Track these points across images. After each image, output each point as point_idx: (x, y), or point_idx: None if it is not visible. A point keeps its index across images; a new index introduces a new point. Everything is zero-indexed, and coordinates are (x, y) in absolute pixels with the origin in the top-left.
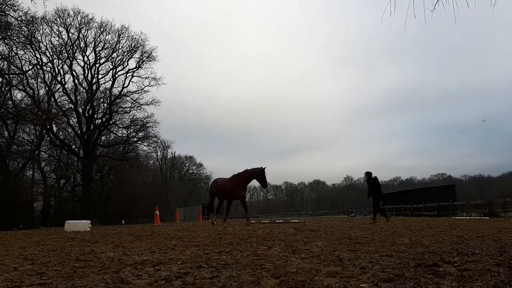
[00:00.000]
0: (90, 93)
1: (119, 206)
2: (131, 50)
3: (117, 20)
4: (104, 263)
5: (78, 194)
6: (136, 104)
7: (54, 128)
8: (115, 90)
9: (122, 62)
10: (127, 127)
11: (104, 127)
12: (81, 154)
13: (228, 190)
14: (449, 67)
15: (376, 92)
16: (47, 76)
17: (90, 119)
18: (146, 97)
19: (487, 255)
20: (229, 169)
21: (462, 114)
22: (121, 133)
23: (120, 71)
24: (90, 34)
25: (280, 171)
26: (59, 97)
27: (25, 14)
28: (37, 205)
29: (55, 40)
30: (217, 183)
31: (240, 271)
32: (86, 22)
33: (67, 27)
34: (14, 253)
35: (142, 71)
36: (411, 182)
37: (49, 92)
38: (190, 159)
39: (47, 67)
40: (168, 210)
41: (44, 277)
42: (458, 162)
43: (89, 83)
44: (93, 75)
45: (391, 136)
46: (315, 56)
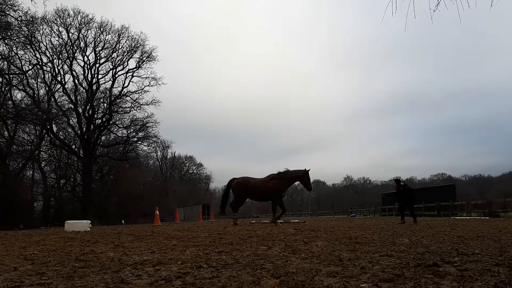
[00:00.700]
0: (90, 93)
1: (119, 206)
2: (131, 50)
3: (117, 20)
4: (104, 263)
5: (78, 194)
6: (136, 104)
7: (54, 128)
8: (115, 90)
9: (122, 62)
10: (127, 127)
11: (104, 127)
12: (81, 154)
13: (266, 190)
14: (449, 67)
15: (376, 92)
16: (47, 76)
17: (90, 119)
18: (146, 97)
19: (487, 255)
20: (229, 169)
21: (462, 114)
22: (121, 133)
23: (120, 71)
24: (90, 34)
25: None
26: (59, 97)
27: (25, 14)
28: (37, 205)
29: (55, 40)
30: (249, 182)
31: (240, 271)
32: (86, 22)
33: (67, 27)
34: (14, 253)
35: (142, 71)
36: (411, 182)
37: (49, 92)
38: (190, 159)
39: (47, 67)
40: (168, 210)
41: (44, 277)
42: (458, 162)
43: (89, 83)
44: (93, 75)
45: (391, 136)
46: (316, 56)
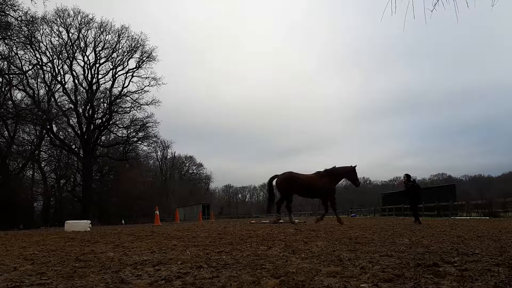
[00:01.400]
0: (90, 93)
1: (119, 206)
2: (131, 50)
3: (117, 20)
4: (104, 263)
5: (78, 194)
6: (136, 104)
7: (54, 128)
8: (115, 90)
9: (122, 62)
10: (127, 127)
11: (104, 127)
12: (81, 154)
13: (317, 187)
14: (449, 67)
15: (376, 92)
16: (47, 76)
17: (90, 119)
18: (146, 97)
19: (487, 255)
20: (229, 169)
21: (462, 114)
22: (121, 133)
23: (120, 71)
24: (90, 34)
25: (280, 171)
26: (59, 97)
27: (25, 14)
28: (37, 205)
29: (55, 40)
30: (298, 178)
31: (240, 271)
32: (86, 22)
33: (67, 27)
34: (14, 253)
35: (142, 71)
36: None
37: (49, 92)
38: (190, 159)
39: (47, 67)
40: (168, 210)
41: (44, 277)
42: (458, 162)
43: (89, 83)
44: (93, 75)
45: (391, 136)
46: (316, 56)
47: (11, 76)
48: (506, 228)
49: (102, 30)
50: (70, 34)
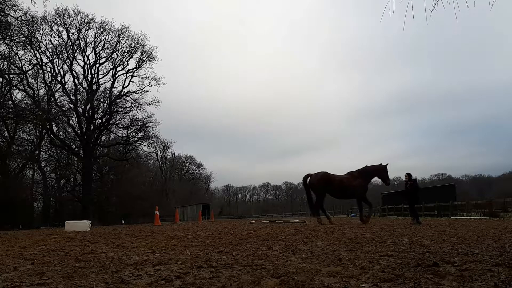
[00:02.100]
0: (90, 93)
1: (119, 206)
2: (131, 50)
3: (118, 19)
4: (104, 263)
5: (78, 194)
6: (136, 104)
7: (54, 128)
8: (115, 90)
9: (122, 62)
10: (127, 127)
11: (104, 127)
12: (81, 154)
13: (352, 187)
14: (449, 68)
15: (376, 92)
16: (47, 76)
17: (90, 119)
18: (146, 97)
19: (487, 255)
20: (229, 169)
21: (462, 114)
22: (121, 133)
23: (120, 71)
24: (90, 34)
25: (280, 171)
26: (59, 97)
27: (25, 14)
28: (37, 205)
29: (55, 40)
30: (334, 178)
31: (240, 271)
32: (86, 22)
33: (67, 27)
34: (14, 253)
35: (142, 71)
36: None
37: (49, 92)
38: (190, 159)
39: (47, 67)
40: (168, 210)
41: (44, 277)
42: (458, 162)
43: (89, 83)
44: (93, 75)
45: (391, 136)
46: (316, 56)
47: (11, 76)
48: (506, 228)
49: (102, 30)
50: (70, 34)
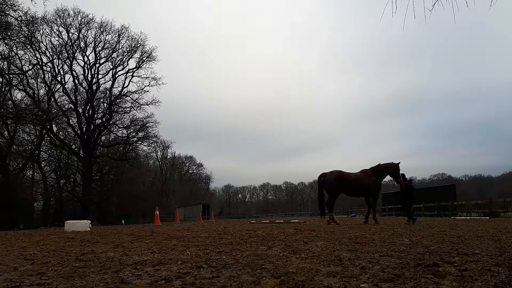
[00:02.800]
0: (90, 93)
1: (119, 206)
2: (131, 50)
3: (118, 20)
4: (104, 263)
5: (78, 194)
6: (136, 104)
7: (54, 128)
8: (115, 90)
9: (122, 62)
10: (127, 127)
11: (104, 127)
12: (81, 154)
13: (367, 186)
14: (449, 68)
15: (376, 92)
16: (47, 76)
17: (90, 119)
18: (146, 97)
19: (487, 255)
20: (229, 169)
21: (462, 114)
22: (121, 133)
23: (120, 71)
24: (90, 34)
25: (280, 171)
26: (59, 97)
27: (25, 14)
28: (37, 205)
29: (55, 40)
30: (349, 177)
31: (240, 271)
32: (86, 22)
33: (67, 27)
34: (14, 253)
35: (142, 71)
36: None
37: (49, 92)
38: (190, 159)
39: (47, 67)
40: (168, 210)
41: (44, 277)
42: (458, 162)
43: (89, 83)
44: (93, 75)
45: (391, 136)
46: (317, 57)
47: (11, 76)
48: (506, 228)
49: (102, 30)
50: (70, 34)
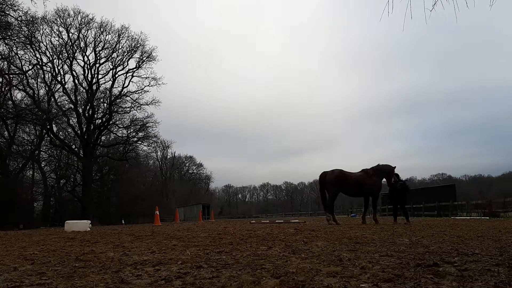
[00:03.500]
0: (90, 93)
1: (119, 206)
2: (131, 50)
3: (117, 19)
4: (104, 263)
5: (78, 194)
6: (136, 104)
7: (54, 128)
8: (115, 90)
9: (122, 62)
10: (127, 127)
11: (104, 127)
12: (81, 154)
13: (369, 186)
14: (449, 68)
15: (377, 93)
16: (47, 76)
17: (90, 119)
18: (146, 97)
19: (487, 255)
20: (229, 169)
21: (462, 114)
22: (121, 133)
23: (120, 71)
24: (90, 34)
25: (280, 171)
26: (59, 97)
27: (25, 14)
28: (37, 205)
29: (55, 40)
30: (350, 176)
31: (240, 271)
32: (86, 22)
33: (67, 27)
34: (14, 253)
35: (142, 71)
36: (411, 182)
37: (49, 92)
38: (190, 159)
39: (47, 67)
40: (168, 210)
41: (44, 277)
42: (458, 162)
43: (89, 83)
44: (93, 75)
45: (391, 136)
46: (317, 57)
47: (11, 76)
48: (506, 228)
49: (102, 30)
50: (70, 34)
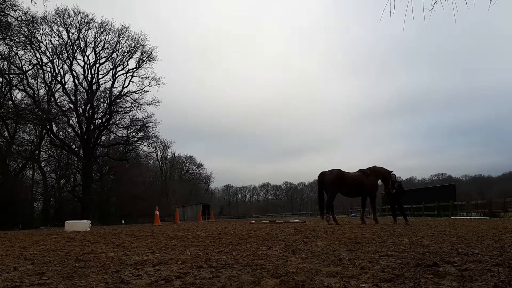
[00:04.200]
0: (90, 93)
1: (119, 206)
2: (131, 50)
3: (119, 19)
4: (104, 263)
5: (78, 194)
6: (136, 104)
7: (54, 128)
8: (115, 90)
9: (122, 62)
10: (127, 127)
11: (104, 127)
12: (81, 154)
13: (367, 186)
14: (449, 68)
15: (377, 93)
16: (47, 76)
17: (90, 119)
18: (146, 97)
19: (487, 255)
20: (229, 169)
21: (462, 114)
22: (121, 133)
23: (120, 71)
24: (90, 34)
25: (280, 171)
26: (59, 97)
27: (25, 14)
28: (37, 205)
29: (55, 40)
30: (348, 176)
31: (240, 271)
32: (86, 22)
33: (67, 27)
34: (14, 253)
35: (142, 71)
36: (411, 182)
37: (49, 92)
38: (190, 159)
39: (47, 67)
40: (168, 210)
41: (44, 277)
42: (458, 162)
43: (89, 83)
44: (93, 75)
45: (391, 136)
46: (318, 57)
47: (11, 76)
48: (506, 228)
49: (102, 30)
50: (70, 34)
